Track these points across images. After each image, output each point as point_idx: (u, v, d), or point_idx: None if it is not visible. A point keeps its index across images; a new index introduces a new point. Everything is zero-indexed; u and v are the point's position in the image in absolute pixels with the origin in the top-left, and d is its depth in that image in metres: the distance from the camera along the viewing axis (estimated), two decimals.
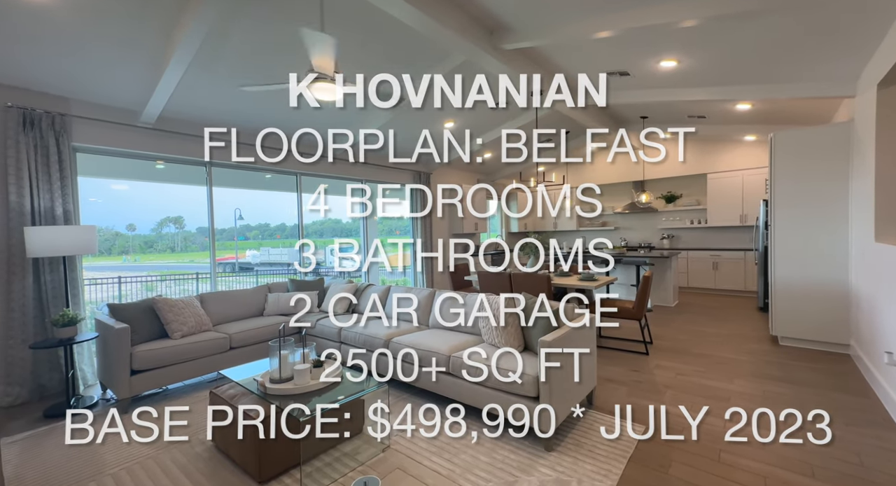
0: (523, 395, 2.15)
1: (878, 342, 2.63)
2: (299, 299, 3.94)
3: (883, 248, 2.57)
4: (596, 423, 2.35)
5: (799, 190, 3.63)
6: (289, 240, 10.27)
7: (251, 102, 3.81)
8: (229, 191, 5.78)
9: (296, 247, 9.70)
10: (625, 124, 6.50)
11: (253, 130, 4.48)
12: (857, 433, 2.15)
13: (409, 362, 2.77)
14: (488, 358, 2.37)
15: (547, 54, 3.78)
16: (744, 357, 3.43)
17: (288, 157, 4.96)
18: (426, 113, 4.94)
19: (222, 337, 3.12)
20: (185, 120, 3.93)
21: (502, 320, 2.52)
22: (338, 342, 3.35)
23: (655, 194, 7.54)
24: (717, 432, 2.21)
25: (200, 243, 9.17)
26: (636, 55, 3.54)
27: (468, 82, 4.26)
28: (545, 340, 2.08)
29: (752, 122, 5.45)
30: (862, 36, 2.64)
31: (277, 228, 10.36)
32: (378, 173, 6.13)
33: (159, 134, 3.77)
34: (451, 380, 2.50)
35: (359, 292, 4.02)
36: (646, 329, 3.85)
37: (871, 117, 2.79)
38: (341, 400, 1.98)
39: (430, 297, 3.41)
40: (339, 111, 4.42)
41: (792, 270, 3.69)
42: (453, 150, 6.67)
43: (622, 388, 2.86)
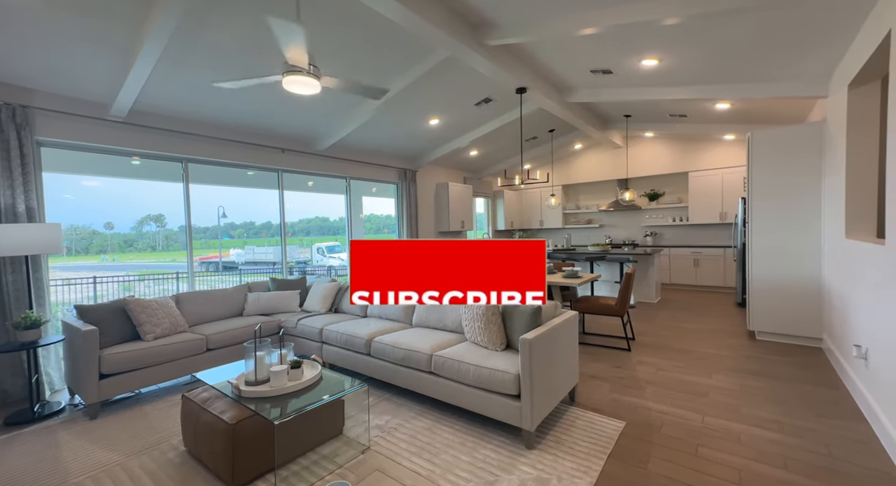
0: (505, 393, 2.13)
1: (847, 336, 2.71)
2: (281, 298, 3.87)
3: (853, 244, 2.64)
4: (578, 420, 2.36)
5: (775, 188, 3.72)
6: (274, 239, 10.08)
7: (229, 97, 3.69)
8: (211, 188, 5.64)
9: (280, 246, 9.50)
10: (609, 123, 6.56)
11: (231, 124, 4.38)
12: (828, 425, 2.20)
13: (390, 361, 2.73)
14: (470, 357, 2.35)
15: (531, 51, 3.77)
16: (723, 352, 3.50)
17: (269, 152, 4.87)
18: (411, 110, 4.89)
19: (198, 338, 3.02)
20: (159, 114, 3.79)
21: (484, 319, 2.50)
22: (319, 342, 3.28)
23: (639, 192, 7.65)
24: (694, 427, 2.24)
25: (182, 242, 8.92)
26: (619, 54, 3.56)
27: (452, 78, 4.24)
28: (526, 338, 2.07)
29: (731, 121, 5.56)
30: (833, 37, 2.70)
31: (263, 227, 10.17)
32: (363, 170, 6.05)
33: (131, 128, 3.63)
34: (433, 379, 2.47)
35: (342, 291, 3.95)
36: (628, 325, 3.90)
37: (842, 117, 2.86)
38: (318, 402, 1.93)
39: None
40: (322, 107, 4.35)
41: (768, 266, 3.78)
42: (439, 147, 6.63)
43: (604, 384, 2.88)
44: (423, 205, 7.03)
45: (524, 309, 2.39)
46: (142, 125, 3.66)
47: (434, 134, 5.78)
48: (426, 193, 7.17)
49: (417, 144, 6.17)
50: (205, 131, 4.12)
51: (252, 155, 4.64)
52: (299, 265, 10.16)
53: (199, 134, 4.06)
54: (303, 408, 1.91)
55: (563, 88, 4.74)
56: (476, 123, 5.67)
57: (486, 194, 8.77)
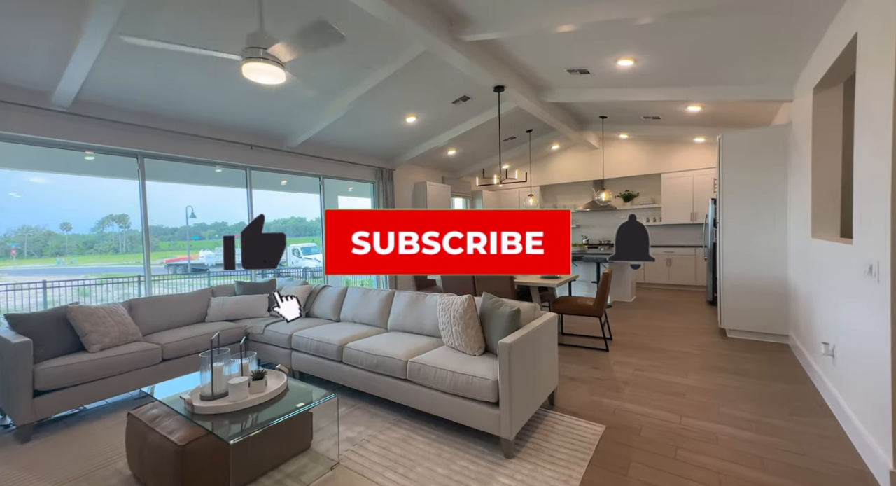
0: (482, 401, 2.04)
1: (814, 333, 2.78)
2: (248, 302, 3.65)
3: (818, 243, 2.71)
4: (557, 425, 2.30)
5: (744, 189, 3.81)
6: None
7: (189, 88, 3.44)
8: (178, 186, 5.32)
9: None
10: (586, 124, 6.63)
11: (193, 118, 4.10)
12: (800, 423, 2.23)
13: (364, 368, 2.59)
14: (448, 362, 2.25)
15: (508, 49, 3.71)
16: (696, 350, 3.55)
17: (236, 148, 4.60)
18: (387, 107, 4.75)
19: (153, 348, 2.78)
20: (110, 105, 3.49)
21: (461, 323, 2.40)
22: (288, 349, 3.10)
23: (614, 193, 7.78)
24: (674, 428, 2.22)
25: (150, 244, 8.40)
26: (596, 53, 3.55)
27: (429, 75, 4.13)
28: (504, 342, 1.99)
29: (702, 124, 5.72)
30: (799, 41, 2.77)
31: (235, 227, 9.84)
32: (338, 169, 5.84)
33: (77, 119, 3.32)
34: (409, 387, 2.35)
35: (314, 294, 3.77)
36: (606, 326, 3.90)
37: (807, 120, 2.94)
38: (281, 417, 1.77)
39: (388, 298, 3.24)
40: (292, 101, 4.14)
41: (738, 266, 3.87)
42: (417, 146, 6.50)
43: (583, 386, 2.84)
44: (400, 204, 6.88)
45: (503, 312, 2.31)
46: (90, 116, 3.36)
47: (411, 132, 5.65)
48: (403, 192, 7.03)
49: (394, 143, 6.02)
50: (162, 125, 3.84)
51: (217, 151, 4.37)
52: None
53: (155, 127, 3.78)
54: (265, 424, 1.75)
55: (540, 87, 4.72)
56: (454, 122, 5.58)
57: (465, 194, 8.71)
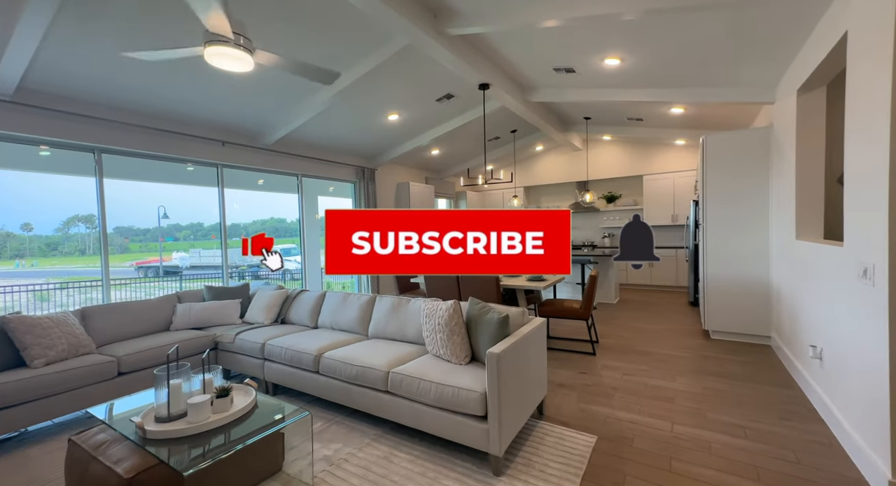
0: (469, 414, 1.91)
1: (801, 336, 2.78)
2: (217, 309, 3.41)
3: (804, 245, 2.70)
4: (547, 436, 2.19)
5: (727, 190, 3.82)
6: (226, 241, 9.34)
7: (152, 78, 3.19)
8: (149, 185, 5.01)
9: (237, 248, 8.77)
10: (570, 125, 6.62)
11: (158, 111, 3.82)
12: (791, 428, 2.20)
13: (342, 379, 2.42)
14: (431, 373, 2.11)
15: (494, 45, 3.60)
16: (682, 353, 3.52)
17: (206, 144, 4.33)
18: (368, 103, 4.57)
19: (107, 361, 2.52)
20: (62, 95, 3.19)
21: (447, 330, 2.27)
22: (261, 359, 2.88)
23: (598, 194, 7.81)
24: (666, 437, 2.15)
25: (119, 245, 7.94)
26: (582, 51, 3.48)
27: (412, 71, 3.99)
28: (493, 352, 1.86)
29: (683, 126, 5.78)
30: (785, 41, 2.77)
31: (212, 228, 9.46)
32: (317, 167, 5.61)
33: (21, 110, 3.01)
34: (391, 399, 2.20)
35: (290, 299, 3.56)
36: (592, 329, 3.84)
37: (791, 122, 2.95)
38: (245, 441, 1.59)
39: (369, 303, 3.07)
40: (267, 95, 3.91)
41: (721, 268, 3.88)
42: (399, 145, 6.32)
43: (572, 393, 2.75)
44: (382, 205, 6.69)
45: (491, 318, 2.18)
46: (36, 106, 3.06)
47: (394, 130, 5.48)
48: (386, 192, 6.85)
49: (376, 141, 5.84)
50: (123, 118, 3.55)
51: (185, 147, 4.09)
52: (252, 269, 9.41)
53: (116, 120, 3.49)
54: (228, 448, 1.56)
55: (526, 86, 4.64)
56: (438, 121, 5.45)
57: (449, 195, 8.59)
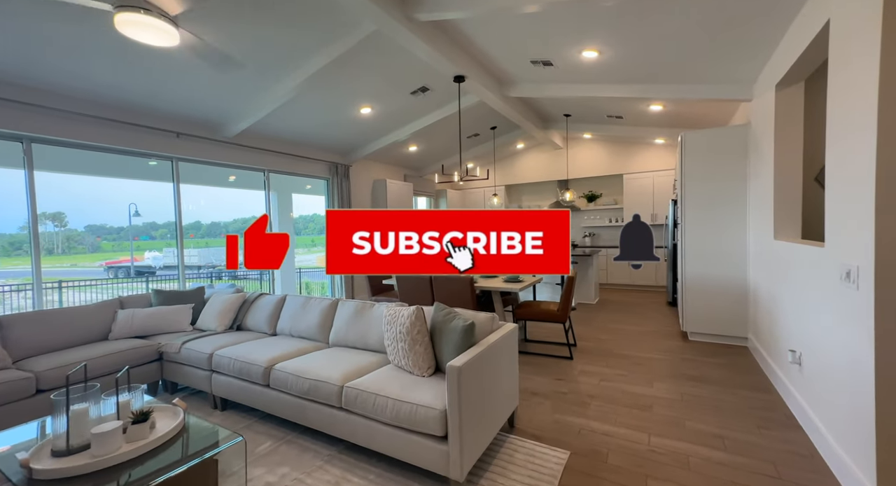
0: (428, 434, 1.72)
1: (778, 338, 2.70)
2: (166, 315, 3.12)
3: (783, 245, 2.62)
4: (516, 453, 2.02)
5: (705, 189, 3.75)
6: (203, 240, 9.05)
7: (82, 55, 2.86)
8: (119, 182, 4.60)
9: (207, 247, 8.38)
10: (550, 122, 6.50)
11: (99, 97, 3.48)
12: (769, 438, 2.09)
13: (294, 394, 2.19)
14: (390, 387, 1.91)
15: (469, 34, 3.42)
16: (660, 356, 3.43)
17: (158, 136, 4.00)
18: (338, 95, 4.32)
19: (22, 378, 2.22)
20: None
21: (408, 338, 2.07)
22: (208, 371, 2.62)
23: (578, 193, 7.74)
24: (642, 451, 2.01)
25: (90, 244, 7.42)
26: (559, 43, 3.33)
27: (383, 61, 3.76)
28: (453, 365, 1.67)
29: (662, 125, 5.73)
30: (761, 36, 2.68)
31: (191, 227, 9.14)
32: (285, 163, 5.32)
33: None
34: (345, 416, 1.99)
35: (247, 303, 3.29)
36: (570, 331, 3.71)
37: (769, 118, 2.87)
38: (159, 477, 1.36)
39: (331, 308, 2.85)
40: (223, 83, 3.62)
41: (699, 267, 3.81)
42: (374, 140, 6.05)
43: (546, 402, 2.60)
44: (357, 203, 6.43)
45: (455, 326, 2.00)
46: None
47: (367, 125, 5.24)
48: (362, 190, 6.59)
49: (349, 136, 5.58)
50: (56, 104, 3.20)
51: (132, 138, 3.76)
52: (229, 269, 8.99)
53: (46, 106, 3.14)
54: (141, 484, 1.33)
55: (503, 80, 4.48)
56: (414, 115, 5.24)
57: (429, 193, 8.38)
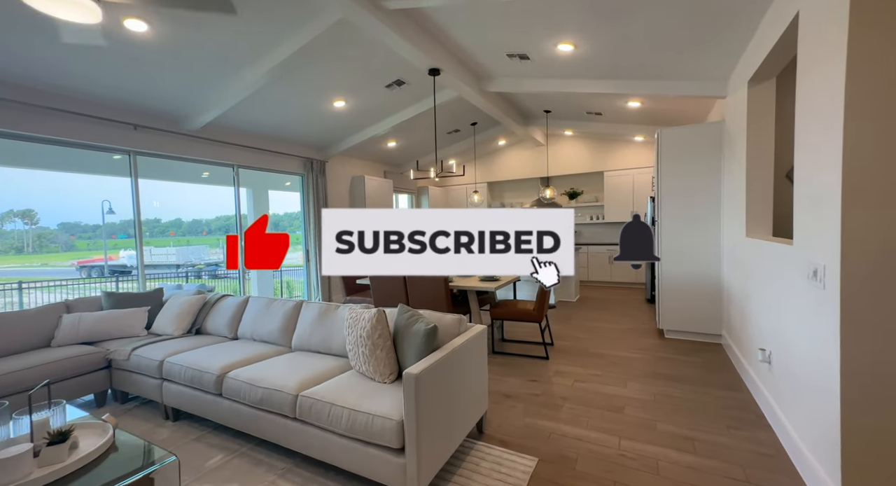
0: (384, 446, 1.61)
1: (749, 336, 2.69)
2: (117, 319, 2.92)
3: (754, 243, 2.60)
4: (483, 461, 1.93)
5: (681, 186, 3.73)
6: (184, 238, 8.66)
7: (24, 40, 2.64)
8: (88, 178, 4.41)
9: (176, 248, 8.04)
10: (531, 118, 6.44)
11: (42, 84, 3.22)
12: (739, 438, 2.06)
13: (247, 403, 2.05)
14: (347, 395, 1.79)
15: (442, 25, 3.30)
16: (636, 354, 3.40)
17: (112, 128, 3.77)
18: (309, 88, 4.14)
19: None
20: None
21: (369, 343, 1.96)
22: (159, 379, 2.45)
23: (559, 191, 7.72)
24: (612, 455, 1.95)
25: (64, 243, 7.07)
26: (535, 36, 3.25)
27: (354, 53, 3.61)
28: (410, 373, 1.57)
29: (641, 122, 5.73)
30: (734, 34, 2.66)
31: (171, 224, 8.83)
32: (256, 158, 5.11)
33: None
34: (299, 427, 1.87)
35: (208, 306, 3.12)
36: (546, 330, 3.66)
37: (742, 115, 2.85)
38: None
39: (294, 310, 2.71)
40: (182, 72, 3.41)
41: (675, 265, 3.80)
42: (351, 135, 5.87)
43: (518, 405, 2.52)
44: (334, 201, 6.26)
45: (417, 330, 1.89)
46: None
47: (342, 119, 5.07)
48: (339, 186, 6.41)
49: (324, 130, 5.40)
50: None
51: (82, 130, 3.52)
52: (209, 268, 8.69)
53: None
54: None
55: (481, 74, 4.38)
56: (391, 110, 5.09)
57: (410, 190, 8.25)
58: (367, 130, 5.54)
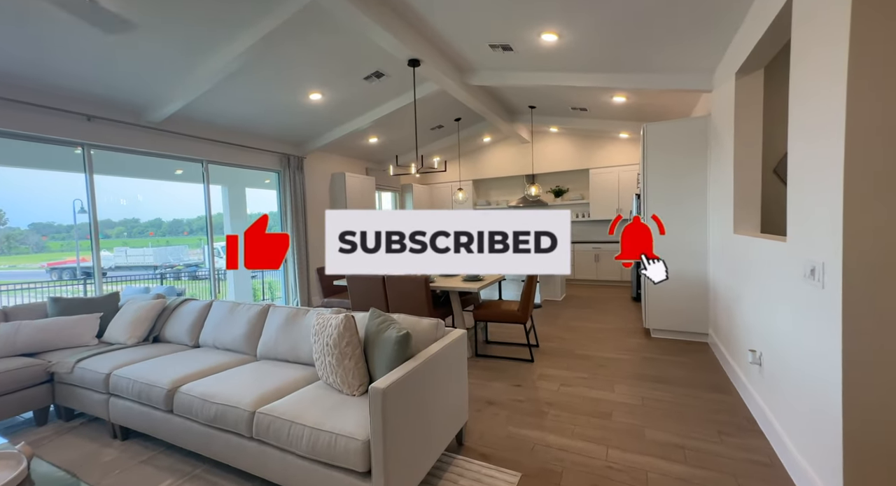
0: (349, 469, 1.44)
1: (739, 338, 2.61)
2: (63, 327, 2.66)
3: (743, 240, 2.52)
4: (462, 477, 1.78)
5: (667, 182, 3.66)
6: (164, 238, 8.14)
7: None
8: (59, 175, 4.14)
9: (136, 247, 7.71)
10: (516, 114, 6.32)
11: (4, 74, 2.94)
12: (731, 445, 1.96)
13: (200, 421, 1.85)
14: (310, 411, 1.61)
15: (420, 12, 3.11)
16: (623, 355, 3.31)
17: (63, 119, 3.47)
18: (281, 79, 3.91)
19: None
20: None
21: (335, 352, 1.78)
22: (105, 394, 2.22)
23: (545, 188, 7.64)
24: (599, 468, 1.82)
25: (34, 244, 6.63)
26: (517, 24, 3.10)
27: (328, 42, 3.40)
28: (376, 387, 1.40)
29: (626, 118, 5.67)
30: (720, 22, 2.56)
31: (150, 224, 8.42)
32: (227, 153, 4.84)
33: None
34: (257, 448, 1.68)
35: (168, 311, 2.88)
36: (531, 332, 3.53)
37: (729, 109, 2.77)
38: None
39: (260, 315, 2.50)
40: (138, 57, 3.14)
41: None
42: (330, 130, 5.62)
43: (501, 413, 2.38)
44: (313, 198, 6.01)
45: (388, 337, 1.72)
46: None
47: (319, 113, 4.84)
48: (318, 184, 6.17)
49: (301, 125, 5.16)
50: None
51: (28, 121, 3.22)
52: (189, 269, 8.32)
53: None
54: None
55: (463, 67, 4.21)
56: (371, 103, 4.89)
57: (394, 188, 8.04)
58: (347, 125, 5.32)
